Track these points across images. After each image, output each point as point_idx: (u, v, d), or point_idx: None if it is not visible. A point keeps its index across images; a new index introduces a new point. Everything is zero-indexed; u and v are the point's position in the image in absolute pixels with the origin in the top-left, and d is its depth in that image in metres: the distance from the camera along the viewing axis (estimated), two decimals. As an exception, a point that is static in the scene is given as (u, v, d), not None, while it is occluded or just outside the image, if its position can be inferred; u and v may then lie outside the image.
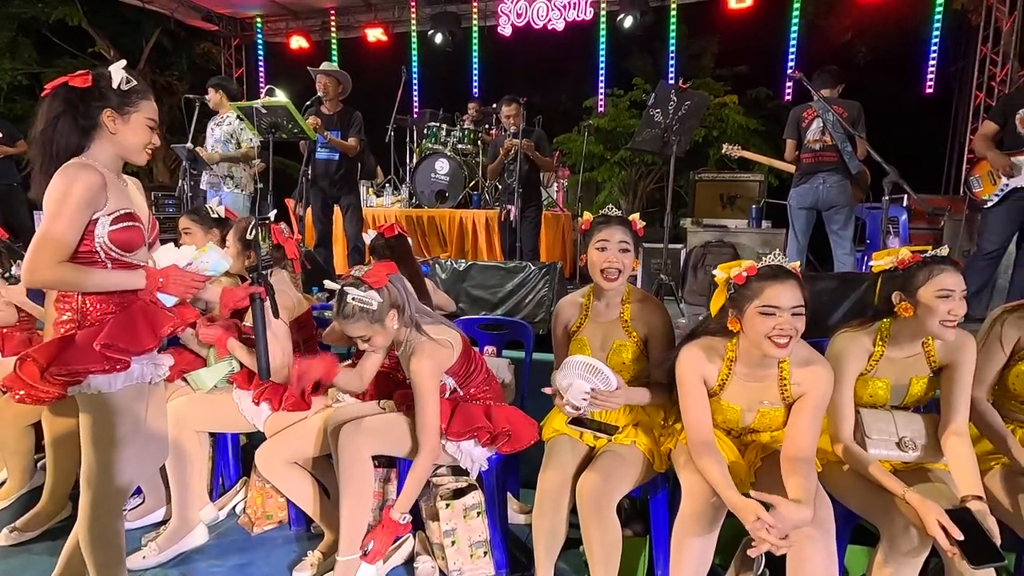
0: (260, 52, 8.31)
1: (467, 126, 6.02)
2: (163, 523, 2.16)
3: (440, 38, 7.06)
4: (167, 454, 1.85)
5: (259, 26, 8.11)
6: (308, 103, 4.16)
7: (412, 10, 7.40)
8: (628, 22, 6.43)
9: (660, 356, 1.87)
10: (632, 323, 1.89)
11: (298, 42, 7.88)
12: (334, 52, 7.83)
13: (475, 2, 7.14)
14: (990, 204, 3.15)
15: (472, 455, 1.92)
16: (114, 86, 1.50)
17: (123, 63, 1.54)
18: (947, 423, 1.61)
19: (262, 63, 8.34)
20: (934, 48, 6.20)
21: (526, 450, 2.01)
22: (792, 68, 6.42)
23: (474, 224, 5.31)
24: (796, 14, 6.47)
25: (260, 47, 8.28)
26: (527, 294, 3.10)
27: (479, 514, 1.94)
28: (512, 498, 2.28)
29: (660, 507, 1.83)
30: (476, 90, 7.64)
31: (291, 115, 3.68)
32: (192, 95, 4.50)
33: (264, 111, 3.69)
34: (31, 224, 5.70)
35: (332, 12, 7.71)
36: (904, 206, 5.09)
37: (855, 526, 1.71)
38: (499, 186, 4.79)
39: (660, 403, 1.87)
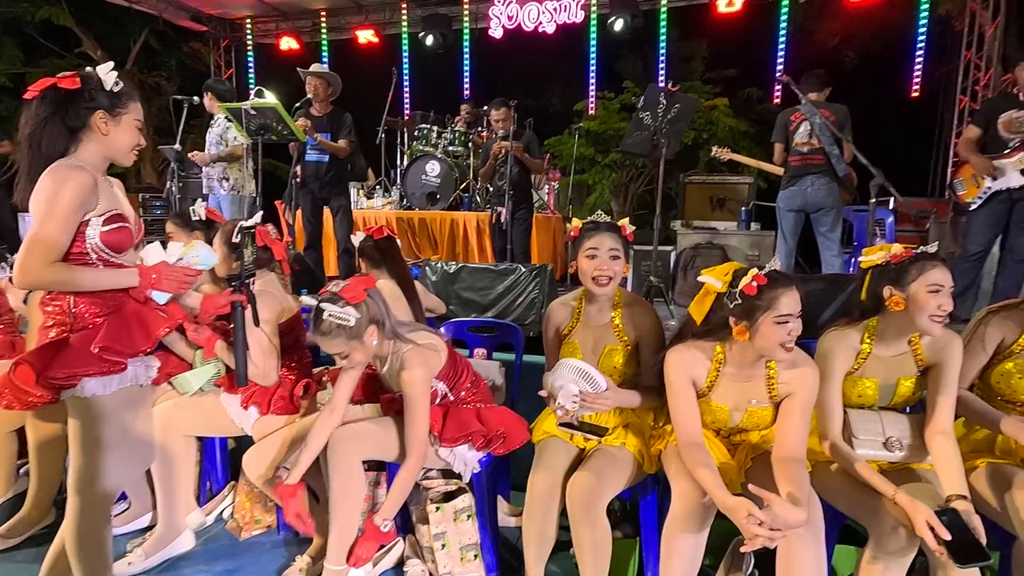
0: (250, 53, 8.26)
1: (459, 128, 6.01)
2: (149, 529, 2.13)
3: (431, 40, 7.06)
4: (153, 458, 1.83)
5: (249, 27, 8.06)
6: (298, 105, 4.13)
7: (403, 12, 7.39)
8: (618, 25, 6.47)
9: (650, 360, 1.87)
10: (623, 327, 1.90)
11: (288, 43, 7.84)
12: (324, 53, 7.79)
13: (466, 4, 7.14)
14: (974, 207, 3.19)
15: (465, 459, 1.91)
16: (107, 88, 1.49)
17: (111, 64, 1.53)
18: (933, 422, 1.62)
19: (252, 64, 8.28)
20: (919, 53, 6.29)
21: (517, 453, 2.00)
22: (780, 72, 6.48)
23: (465, 226, 5.31)
24: (784, 18, 6.53)
25: (250, 48, 8.23)
26: (517, 296, 3.10)
27: (469, 517, 1.93)
28: (503, 501, 2.28)
29: (650, 509, 1.84)
30: (467, 92, 7.63)
31: (281, 117, 3.66)
32: (180, 96, 4.46)
33: (253, 112, 3.67)
34: (15, 225, 5.62)
35: (322, 13, 7.68)
36: (890, 208, 5.16)
37: (843, 526, 1.73)
38: (490, 188, 4.80)
39: (650, 406, 1.87)
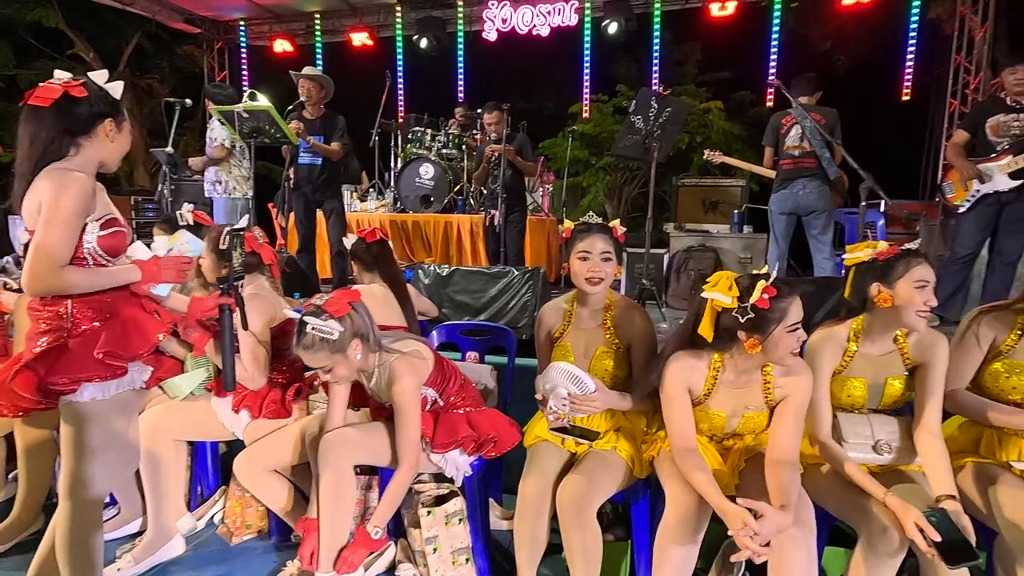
0: (243, 55, 8.24)
1: (453, 131, 6.02)
2: (139, 534, 2.12)
3: (425, 43, 7.06)
4: (138, 461, 1.82)
5: (242, 29, 8.04)
6: (291, 108, 4.12)
7: (397, 14, 7.39)
8: (612, 28, 6.50)
9: (643, 364, 1.87)
10: (615, 330, 1.90)
11: (282, 46, 7.83)
12: (319, 56, 7.78)
13: (460, 7, 7.15)
14: (962, 210, 3.22)
15: (457, 463, 1.91)
16: (113, 96, 1.54)
17: (105, 72, 1.55)
18: (921, 422, 1.64)
19: (245, 66, 8.26)
20: (910, 56, 6.35)
21: (509, 456, 2.00)
22: (773, 75, 6.52)
23: (459, 229, 5.31)
24: (777, 22, 6.58)
25: (243, 50, 8.21)
26: (510, 299, 3.10)
27: (461, 521, 1.93)
28: (495, 504, 2.27)
29: (642, 513, 1.84)
30: (461, 95, 7.64)
31: (273, 119, 3.65)
32: (173, 99, 4.44)
33: (246, 115, 3.66)
34: (5, 227, 5.58)
35: (316, 16, 7.68)
36: (881, 211, 5.19)
37: (832, 527, 1.73)
38: (484, 191, 4.80)
39: (642, 409, 1.87)
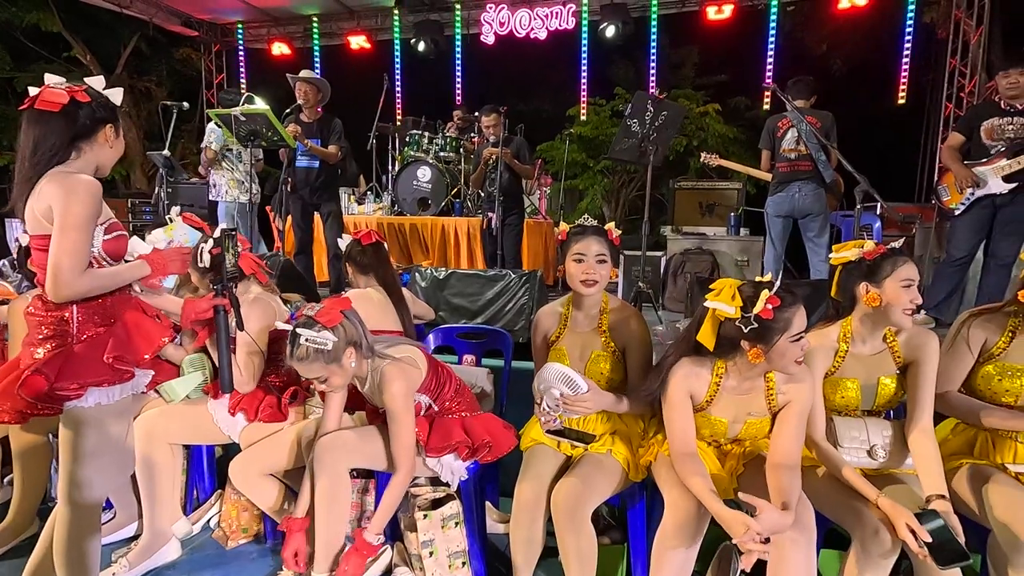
0: (241, 58, 8.24)
1: (451, 134, 6.03)
2: (135, 538, 2.12)
3: (423, 46, 7.08)
4: (133, 465, 1.82)
5: (240, 32, 8.05)
6: (288, 111, 4.13)
7: (395, 18, 7.41)
8: (610, 31, 6.53)
9: (638, 368, 1.88)
10: (610, 333, 1.90)
11: (280, 49, 7.84)
12: (316, 59, 7.79)
13: (458, 10, 7.16)
14: (958, 212, 3.23)
15: (453, 468, 1.91)
16: (114, 102, 1.56)
17: (101, 79, 1.56)
18: (913, 421, 1.65)
19: (243, 69, 8.27)
20: (905, 60, 6.38)
21: (505, 459, 2.00)
22: (769, 79, 6.54)
23: (456, 232, 5.31)
24: (773, 26, 6.61)
25: (241, 53, 8.22)
26: (507, 302, 3.10)
27: (457, 524, 1.93)
28: (491, 507, 2.27)
29: (638, 516, 1.84)
30: (459, 98, 7.66)
31: (271, 123, 3.66)
32: (170, 102, 4.45)
33: (243, 119, 3.67)
34: (1, 230, 5.58)
35: (314, 19, 7.69)
36: (877, 214, 5.21)
37: (827, 530, 1.74)
38: (481, 194, 4.80)
39: (638, 412, 1.87)
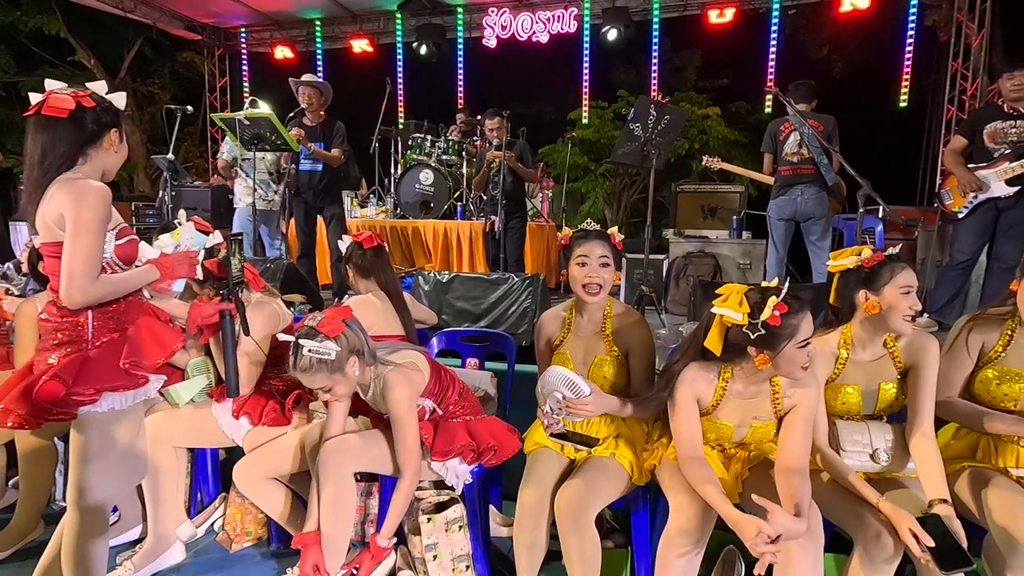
0: (244, 62, 8.28)
1: (454, 137, 6.05)
2: (139, 541, 2.12)
3: (425, 50, 7.11)
4: (147, 468, 1.82)
5: (243, 36, 8.09)
6: (291, 115, 4.15)
7: (397, 21, 7.44)
8: (612, 35, 6.55)
9: (641, 372, 1.88)
10: (613, 337, 1.90)
11: (283, 52, 7.88)
12: (319, 63, 7.82)
13: (460, 14, 7.19)
14: (961, 216, 3.23)
15: (457, 471, 1.91)
16: (120, 107, 1.56)
17: (103, 83, 1.57)
18: (914, 425, 1.64)
19: (246, 73, 8.31)
20: (907, 63, 6.39)
21: (509, 463, 2.00)
22: (771, 82, 6.55)
23: (459, 235, 5.32)
24: (775, 29, 6.62)
25: (244, 57, 8.25)
26: (510, 306, 3.10)
27: (461, 528, 1.93)
28: (494, 511, 2.27)
29: (642, 520, 1.84)
30: (461, 101, 7.68)
31: (274, 126, 3.68)
32: (174, 105, 4.47)
33: (247, 122, 3.69)
34: (6, 234, 5.60)
35: (317, 23, 7.72)
36: (879, 217, 5.20)
37: (832, 534, 1.74)
38: (484, 197, 4.82)
39: (641, 416, 1.87)
